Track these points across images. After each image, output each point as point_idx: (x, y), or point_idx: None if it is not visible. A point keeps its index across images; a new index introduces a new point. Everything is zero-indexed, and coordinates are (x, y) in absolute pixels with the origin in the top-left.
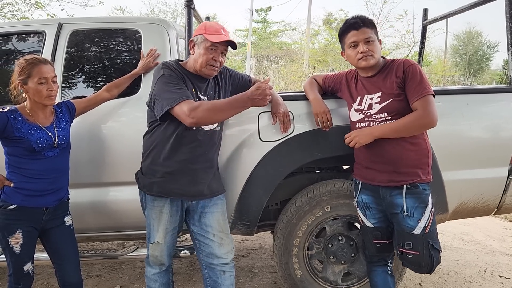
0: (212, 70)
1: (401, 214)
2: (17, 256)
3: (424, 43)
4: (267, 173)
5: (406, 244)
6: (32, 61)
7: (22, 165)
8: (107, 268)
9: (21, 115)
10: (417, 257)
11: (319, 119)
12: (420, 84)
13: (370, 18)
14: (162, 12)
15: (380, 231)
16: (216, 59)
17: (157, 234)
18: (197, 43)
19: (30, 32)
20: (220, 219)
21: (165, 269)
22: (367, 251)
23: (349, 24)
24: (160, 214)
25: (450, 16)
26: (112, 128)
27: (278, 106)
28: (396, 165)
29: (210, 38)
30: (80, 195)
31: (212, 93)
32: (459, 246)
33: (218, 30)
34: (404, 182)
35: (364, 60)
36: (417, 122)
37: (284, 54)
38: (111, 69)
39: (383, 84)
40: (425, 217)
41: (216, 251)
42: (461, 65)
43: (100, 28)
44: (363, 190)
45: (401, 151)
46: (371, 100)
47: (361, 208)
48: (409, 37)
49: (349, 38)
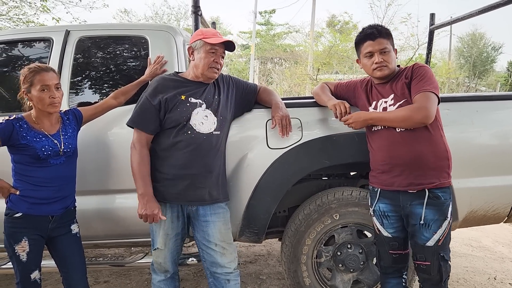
0: (214, 72)
1: (418, 225)
2: (24, 264)
3: (431, 47)
4: (275, 180)
5: (419, 256)
6: (34, 69)
7: (28, 172)
8: (114, 274)
9: (27, 123)
10: (428, 266)
11: (337, 110)
12: (423, 80)
13: (386, 28)
14: (166, 14)
15: (397, 241)
16: (218, 61)
17: (158, 240)
18: (196, 48)
19: (37, 39)
20: (222, 228)
21: (170, 276)
22: (382, 262)
23: (366, 34)
24: (161, 221)
25: (458, 21)
26: (119, 135)
27: (277, 110)
28: (414, 167)
29: (209, 41)
30: (87, 203)
31: (210, 97)
32: (467, 253)
33: (215, 34)
34: (424, 185)
35: (379, 70)
36: (410, 115)
37: (288, 56)
38: (118, 76)
39: (395, 88)
40: (441, 230)
41: (219, 260)
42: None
43: (107, 34)
44: (381, 199)
45: (419, 153)
46: (385, 103)
47: (378, 217)
48: (413, 40)
49: (365, 48)
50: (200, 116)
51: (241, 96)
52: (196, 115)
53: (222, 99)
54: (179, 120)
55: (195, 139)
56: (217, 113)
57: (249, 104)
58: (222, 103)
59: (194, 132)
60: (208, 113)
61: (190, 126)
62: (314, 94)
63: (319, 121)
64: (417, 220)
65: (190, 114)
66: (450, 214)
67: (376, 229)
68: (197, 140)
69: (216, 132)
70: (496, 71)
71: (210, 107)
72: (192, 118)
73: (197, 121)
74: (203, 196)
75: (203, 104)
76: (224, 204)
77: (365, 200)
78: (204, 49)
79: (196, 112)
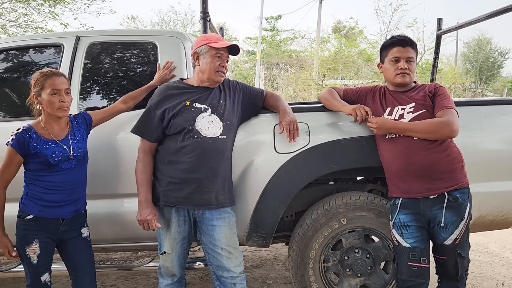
0: (220, 76)
1: (437, 227)
2: (34, 266)
3: (439, 53)
4: (283, 185)
5: (437, 251)
6: (45, 73)
7: (40, 177)
8: (121, 278)
9: (36, 132)
10: (445, 261)
11: (358, 114)
12: (447, 99)
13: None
14: (173, 20)
15: (416, 252)
16: (223, 65)
17: (165, 244)
18: (201, 53)
19: (48, 45)
20: (227, 233)
21: (178, 280)
22: (399, 275)
23: (397, 40)
24: (168, 224)
25: (465, 26)
26: (128, 139)
27: (285, 115)
28: (429, 172)
29: (214, 46)
30: (96, 206)
31: (216, 102)
32: (475, 258)
33: (219, 38)
34: (441, 189)
35: (402, 76)
36: (439, 127)
37: (294, 62)
38: (127, 81)
39: (415, 97)
40: (458, 230)
41: (225, 264)
42: (472, 72)
43: (117, 40)
44: (401, 210)
45: (434, 158)
46: (402, 110)
47: (397, 228)
48: (420, 45)
49: (393, 53)
50: (206, 121)
51: (248, 101)
52: (201, 120)
53: (228, 104)
54: (183, 125)
55: (201, 144)
56: (223, 118)
57: (256, 109)
58: (228, 108)
59: (200, 137)
60: (214, 118)
61: (196, 130)
62: (322, 99)
63: (327, 125)
64: (437, 223)
65: (194, 119)
66: (467, 214)
67: (395, 240)
68: (203, 144)
69: (222, 136)
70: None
71: (215, 112)
72: (197, 123)
73: (203, 126)
74: (209, 200)
75: (208, 109)
76: (230, 208)
77: (373, 204)
78: (209, 53)
79: (201, 117)
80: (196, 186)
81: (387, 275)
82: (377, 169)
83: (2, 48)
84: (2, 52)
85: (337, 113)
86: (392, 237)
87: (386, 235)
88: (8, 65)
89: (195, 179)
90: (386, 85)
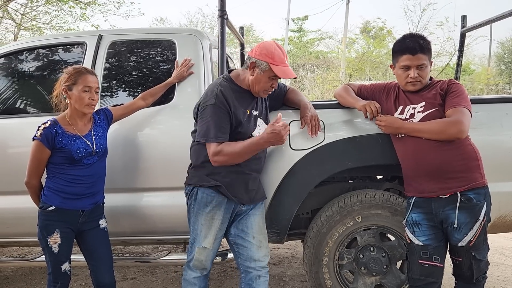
0: (267, 94)
1: (450, 228)
2: (55, 255)
3: (463, 51)
4: (297, 182)
5: (453, 252)
6: (80, 70)
7: (62, 171)
8: (141, 272)
9: (61, 127)
10: (460, 262)
11: (368, 110)
12: (459, 97)
13: (428, 42)
14: (200, 22)
15: (428, 250)
16: (274, 87)
17: (205, 240)
18: (260, 67)
19: (72, 43)
20: (260, 222)
21: (206, 274)
22: (410, 273)
23: (406, 47)
24: (212, 221)
25: (490, 22)
26: (147, 135)
27: (306, 110)
28: (441, 172)
29: (276, 71)
30: (116, 200)
31: (260, 105)
32: (500, 262)
33: (283, 61)
34: (454, 189)
35: (412, 85)
36: (445, 128)
37: (320, 63)
38: (147, 78)
39: (426, 96)
40: (472, 232)
41: (254, 253)
42: (505, 73)
43: (137, 39)
44: (414, 209)
45: (445, 158)
46: (413, 109)
47: (410, 226)
48: (450, 45)
49: (403, 60)
50: (257, 127)
51: (274, 98)
52: (258, 127)
53: (265, 106)
54: (247, 134)
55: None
56: (266, 120)
57: (277, 105)
58: (266, 108)
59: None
60: (260, 122)
61: (251, 136)
62: (337, 96)
63: (342, 122)
64: (450, 223)
65: (254, 128)
66: (483, 215)
67: (407, 238)
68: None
69: None
70: None
71: (261, 116)
72: (255, 131)
73: (256, 132)
74: (255, 195)
75: (257, 113)
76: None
77: (389, 203)
78: (267, 74)
79: (258, 124)
80: (246, 184)
81: (403, 274)
82: (393, 167)
83: (30, 47)
84: (30, 51)
85: (352, 110)
86: (405, 235)
87: (402, 233)
88: (35, 63)
89: (245, 177)
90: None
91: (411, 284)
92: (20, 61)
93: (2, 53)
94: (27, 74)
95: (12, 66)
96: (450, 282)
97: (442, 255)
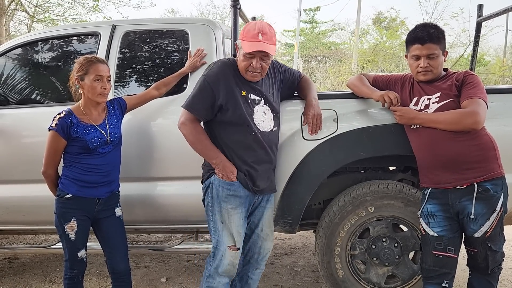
0: (253, 76)
1: (466, 219)
2: (72, 242)
3: (478, 41)
4: (310, 172)
5: (468, 243)
6: (90, 59)
7: (78, 160)
8: (154, 260)
9: (76, 117)
10: (475, 253)
11: (387, 99)
12: (475, 88)
13: (440, 30)
14: (212, 14)
15: (443, 241)
16: (254, 66)
17: (237, 239)
18: (239, 47)
19: (86, 34)
20: (270, 215)
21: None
22: (424, 264)
23: (416, 37)
24: (235, 219)
25: (506, 12)
26: (160, 125)
27: (309, 108)
28: (458, 163)
29: (243, 46)
30: (130, 189)
31: (266, 91)
32: None
33: (255, 36)
34: (471, 179)
35: (423, 74)
36: (461, 118)
37: (332, 54)
38: (160, 68)
39: (442, 86)
40: (489, 223)
41: (259, 245)
42: None
43: (150, 29)
44: (429, 200)
45: (462, 148)
46: (428, 100)
47: (424, 217)
48: (465, 36)
49: (413, 50)
50: (260, 114)
51: (286, 86)
52: (257, 113)
53: (275, 92)
54: (242, 118)
55: (260, 138)
56: (273, 109)
57: (289, 94)
58: (275, 96)
59: (259, 131)
60: (266, 109)
61: (254, 124)
62: (351, 86)
63: (355, 112)
64: (466, 214)
65: (252, 113)
66: (500, 206)
67: (422, 229)
68: (262, 139)
69: (274, 128)
70: None
71: (267, 103)
72: (254, 116)
73: (259, 119)
74: (268, 186)
75: (261, 100)
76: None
77: (402, 193)
78: (242, 51)
79: (256, 110)
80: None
81: (415, 265)
82: (407, 157)
83: (45, 37)
84: (45, 41)
85: (365, 100)
86: (420, 226)
87: (414, 224)
88: (50, 53)
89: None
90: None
91: (425, 275)
92: (36, 51)
93: (18, 43)
94: (42, 65)
95: (28, 56)
96: (463, 274)
97: (457, 246)
